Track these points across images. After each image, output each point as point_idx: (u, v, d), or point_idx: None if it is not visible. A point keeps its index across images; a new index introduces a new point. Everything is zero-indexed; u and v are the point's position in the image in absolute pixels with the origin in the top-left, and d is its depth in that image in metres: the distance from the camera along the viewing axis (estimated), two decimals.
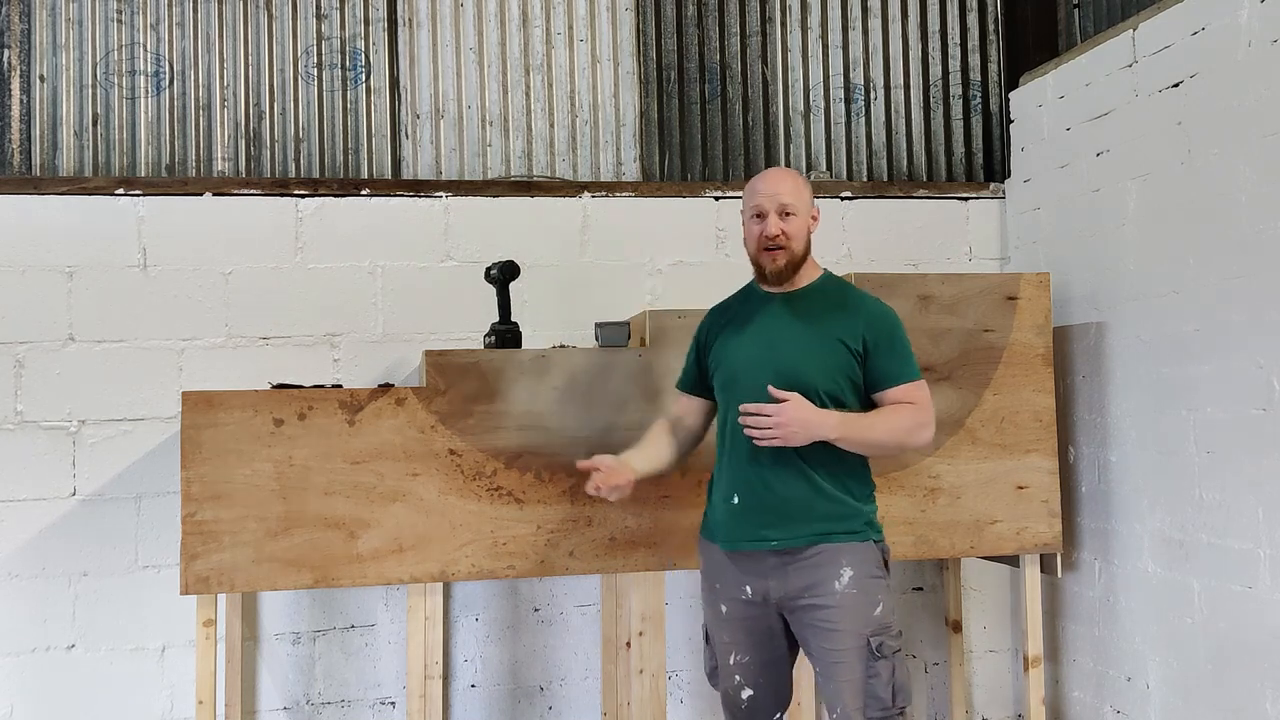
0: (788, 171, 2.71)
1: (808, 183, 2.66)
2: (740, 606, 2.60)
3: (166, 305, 3.52)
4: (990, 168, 4.19)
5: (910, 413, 2.51)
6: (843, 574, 2.46)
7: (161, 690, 3.48)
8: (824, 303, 2.59)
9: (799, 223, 2.56)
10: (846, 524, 2.50)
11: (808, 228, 2.60)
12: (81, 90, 3.59)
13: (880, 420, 2.50)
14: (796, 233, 2.56)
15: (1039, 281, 3.51)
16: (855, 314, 2.55)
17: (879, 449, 2.55)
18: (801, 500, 2.49)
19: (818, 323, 2.55)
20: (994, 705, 4.04)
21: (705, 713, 3.84)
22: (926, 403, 2.55)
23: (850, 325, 2.53)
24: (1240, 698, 3.03)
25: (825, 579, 2.47)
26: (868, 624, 2.45)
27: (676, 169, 3.98)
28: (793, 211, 2.55)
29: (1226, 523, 3.06)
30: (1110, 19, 3.81)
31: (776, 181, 2.59)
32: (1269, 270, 2.91)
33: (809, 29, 4.11)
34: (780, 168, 2.72)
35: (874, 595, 2.48)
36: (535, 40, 3.89)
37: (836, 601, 2.45)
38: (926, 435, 2.54)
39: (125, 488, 3.47)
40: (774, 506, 2.50)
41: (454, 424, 3.09)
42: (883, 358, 2.52)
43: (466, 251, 3.72)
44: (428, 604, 3.08)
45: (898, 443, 2.55)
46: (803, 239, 2.58)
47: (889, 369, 2.53)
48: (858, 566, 2.47)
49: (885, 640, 2.45)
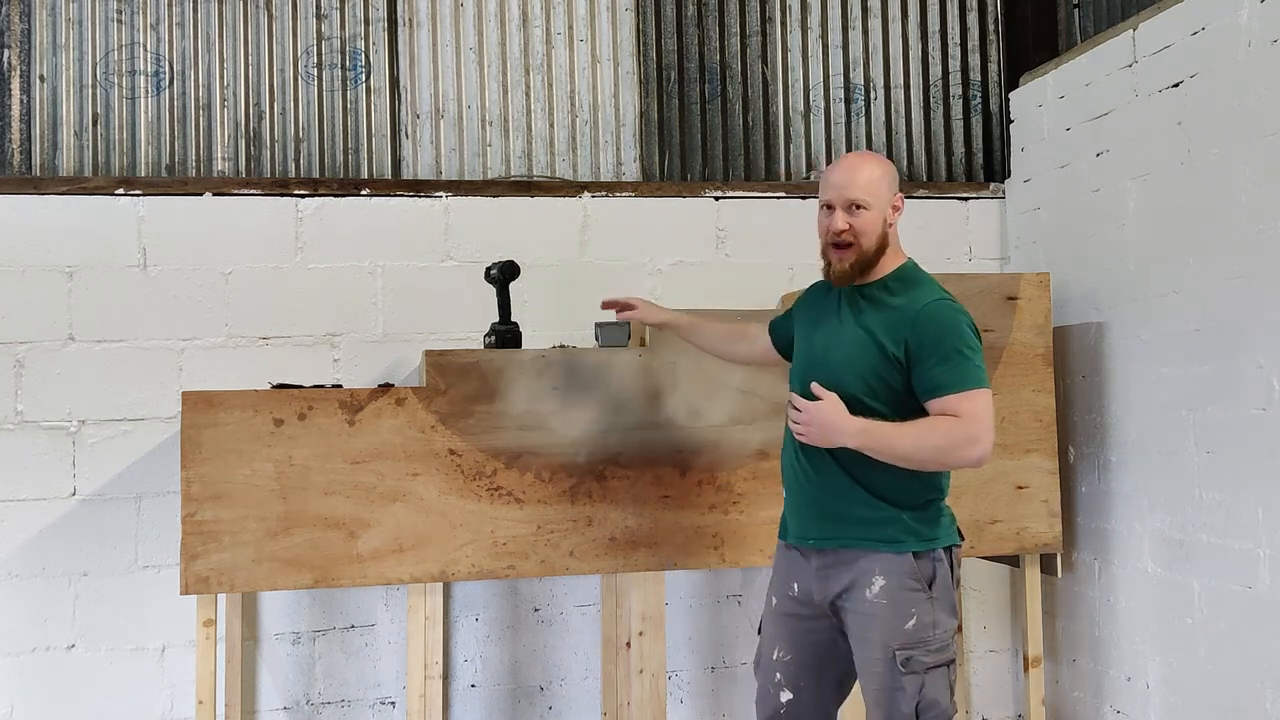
0: (866, 158, 2.47)
1: (890, 169, 2.45)
2: (787, 602, 2.53)
3: (166, 305, 3.52)
4: (990, 168, 4.19)
5: (950, 426, 2.28)
6: (874, 583, 2.36)
7: (161, 690, 3.48)
8: (883, 301, 2.42)
9: (870, 217, 2.37)
10: (882, 531, 2.37)
11: (884, 220, 2.40)
12: (81, 90, 3.59)
13: (911, 432, 2.31)
14: (867, 229, 2.37)
15: (1039, 281, 3.51)
16: (903, 316, 2.36)
17: (909, 462, 2.33)
18: (835, 502, 2.42)
19: (865, 322, 2.40)
20: (994, 705, 4.04)
21: (705, 713, 3.84)
22: (976, 416, 2.27)
23: (894, 328, 2.36)
24: (1240, 698, 3.03)
25: (857, 585, 2.39)
26: (896, 636, 2.34)
27: (676, 169, 3.98)
28: (865, 205, 2.37)
29: (1226, 523, 3.06)
30: (1110, 19, 3.81)
31: (850, 171, 2.40)
32: (1269, 270, 2.91)
33: (809, 29, 4.11)
34: (860, 154, 2.50)
35: (906, 608, 2.34)
36: (535, 40, 3.89)
37: (866, 610, 2.37)
38: (976, 452, 2.28)
39: (125, 488, 3.46)
40: (812, 504, 2.46)
41: (454, 424, 3.09)
42: (927, 364, 2.31)
43: (466, 251, 3.72)
44: (428, 604, 3.08)
45: (932, 458, 2.32)
46: (875, 235, 2.39)
47: (933, 377, 2.31)
48: (890, 577, 2.35)
49: (915, 655, 2.32)
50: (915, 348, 2.33)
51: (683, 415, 3.23)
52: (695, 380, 3.23)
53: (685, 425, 3.22)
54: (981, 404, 2.29)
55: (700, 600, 3.84)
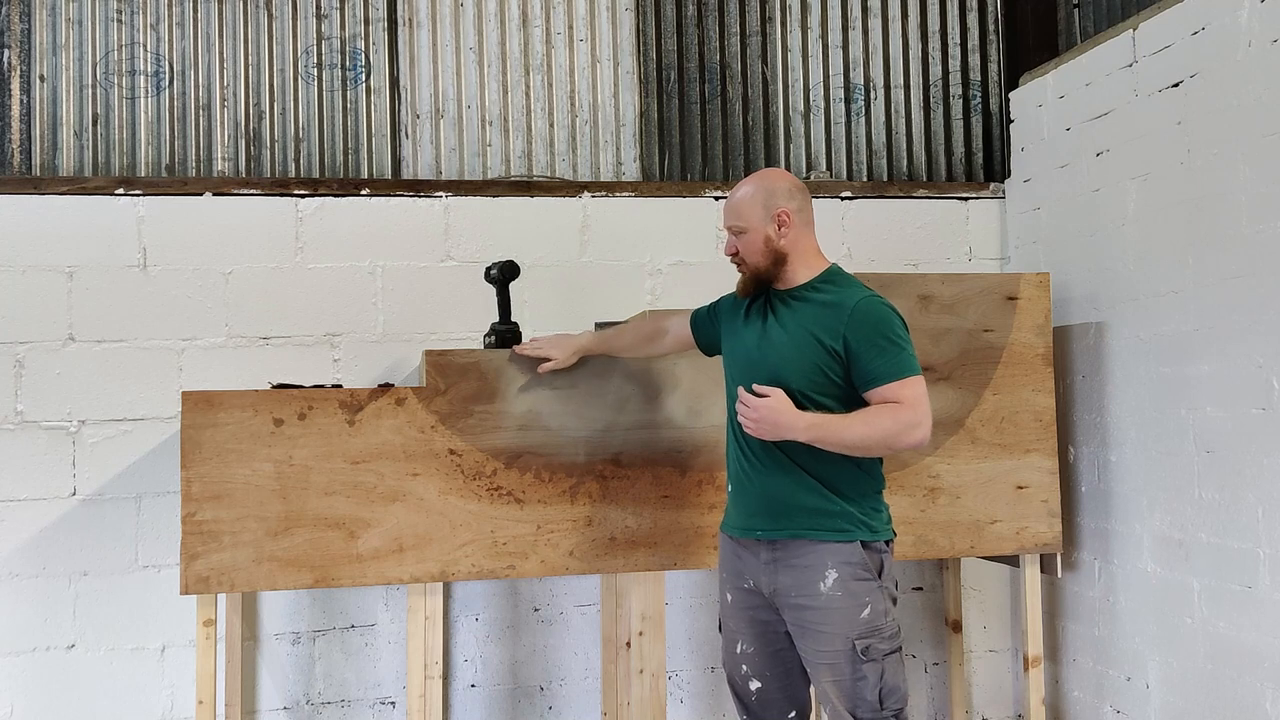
0: (746, 181, 2.62)
1: (765, 185, 2.57)
2: (742, 595, 2.60)
3: (166, 305, 3.52)
4: (990, 168, 4.19)
5: (893, 412, 2.40)
6: (827, 575, 2.43)
7: (161, 690, 3.48)
8: (812, 300, 2.53)
9: (749, 238, 2.55)
10: (831, 521, 2.45)
11: (764, 238, 2.53)
12: (81, 90, 3.59)
13: (857, 421, 2.41)
14: (749, 248, 2.55)
15: (1039, 281, 3.51)
16: (838, 311, 2.47)
17: (859, 450, 2.44)
18: (784, 494, 2.48)
19: (800, 321, 2.51)
20: (994, 705, 4.04)
21: (705, 713, 3.84)
22: (916, 400, 2.41)
23: (830, 323, 2.46)
24: (1240, 698, 3.03)
25: (810, 580, 2.45)
26: (854, 627, 2.42)
27: (676, 169, 3.98)
28: (739, 230, 2.56)
29: (1226, 523, 3.06)
30: (1110, 19, 3.81)
31: (731, 197, 2.60)
32: (1269, 270, 2.91)
33: (809, 29, 4.11)
34: (750, 176, 2.65)
35: (861, 598, 2.43)
36: (535, 40, 3.89)
37: (822, 604, 2.44)
38: (917, 435, 2.41)
39: (125, 488, 3.47)
40: (760, 496, 2.52)
41: (454, 424, 3.09)
42: (866, 356, 2.42)
43: (466, 251, 3.72)
44: (428, 604, 3.08)
45: (880, 444, 2.44)
46: (758, 251, 2.55)
47: (873, 367, 2.42)
48: (843, 568, 2.43)
49: (873, 643, 2.42)
50: (853, 341, 2.44)
51: (683, 415, 3.23)
52: (695, 380, 3.23)
53: (685, 425, 3.22)
54: (919, 390, 2.44)
55: (700, 600, 3.84)
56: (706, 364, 3.18)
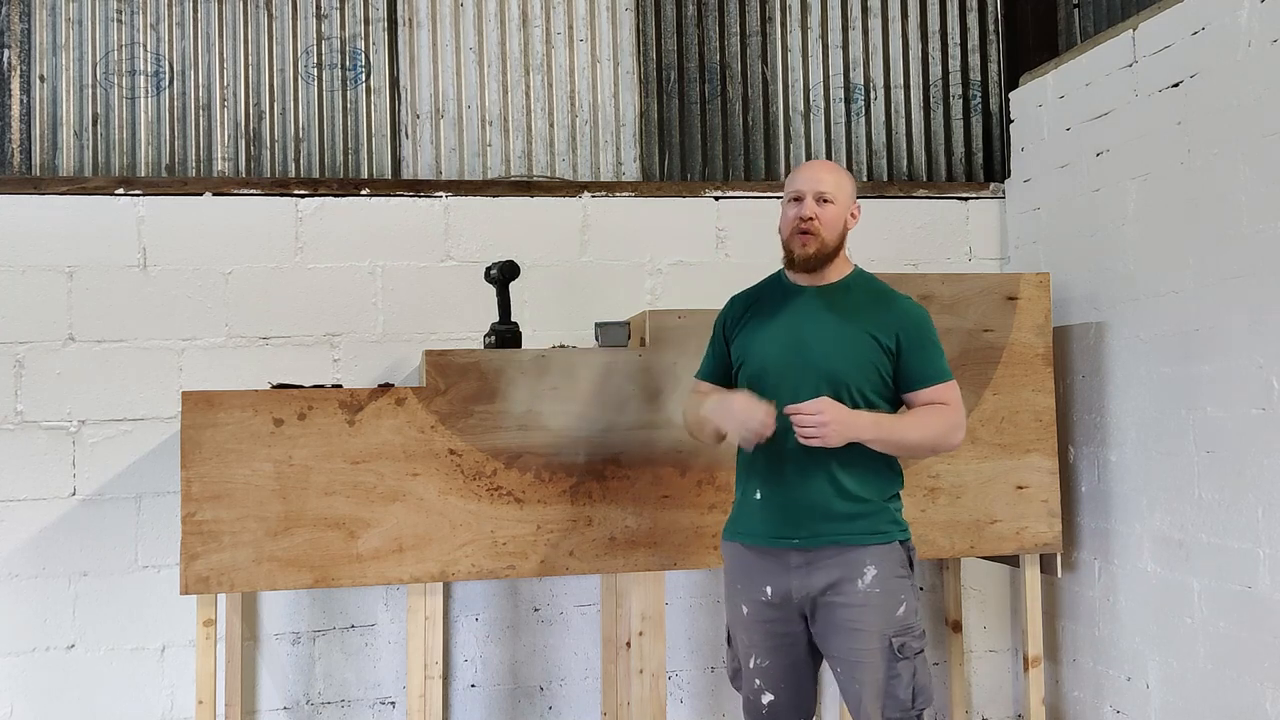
0: (833, 164, 2.64)
1: (853, 179, 2.60)
2: (760, 608, 2.52)
3: (166, 305, 3.52)
4: (990, 168, 4.19)
5: (943, 414, 2.47)
6: (866, 572, 2.42)
7: (161, 690, 3.48)
8: (857, 298, 2.53)
9: (835, 211, 2.50)
10: (870, 523, 2.45)
11: (844, 221, 2.53)
12: (81, 90, 3.59)
13: (915, 422, 2.45)
14: (831, 221, 2.49)
15: (1039, 281, 3.51)
16: (889, 310, 2.51)
17: (912, 451, 2.51)
18: (825, 500, 2.44)
19: (850, 318, 2.49)
20: (994, 705, 4.04)
21: (705, 713, 3.84)
22: (959, 403, 2.50)
23: (884, 322, 2.48)
24: (1240, 698, 3.03)
25: (848, 577, 2.43)
26: (890, 624, 2.42)
27: (676, 169, 3.98)
28: (830, 200, 2.49)
29: (1226, 523, 3.06)
30: (1110, 19, 3.81)
31: (819, 169, 2.54)
32: (1269, 270, 2.91)
33: (809, 29, 4.11)
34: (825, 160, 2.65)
35: (897, 595, 2.44)
36: (535, 40, 3.89)
37: (860, 600, 2.42)
38: (959, 437, 2.50)
39: (125, 488, 3.47)
40: (797, 504, 2.46)
41: (454, 424, 3.09)
42: (915, 357, 2.48)
43: (466, 251, 3.72)
44: (428, 604, 3.08)
45: (931, 445, 2.50)
46: (837, 230, 2.51)
47: (922, 368, 2.48)
48: (881, 565, 2.43)
49: (907, 641, 2.42)
50: (904, 341, 2.48)
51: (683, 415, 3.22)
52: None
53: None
54: (958, 393, 2.53)
55: (700, 600, 3.84)
56: None
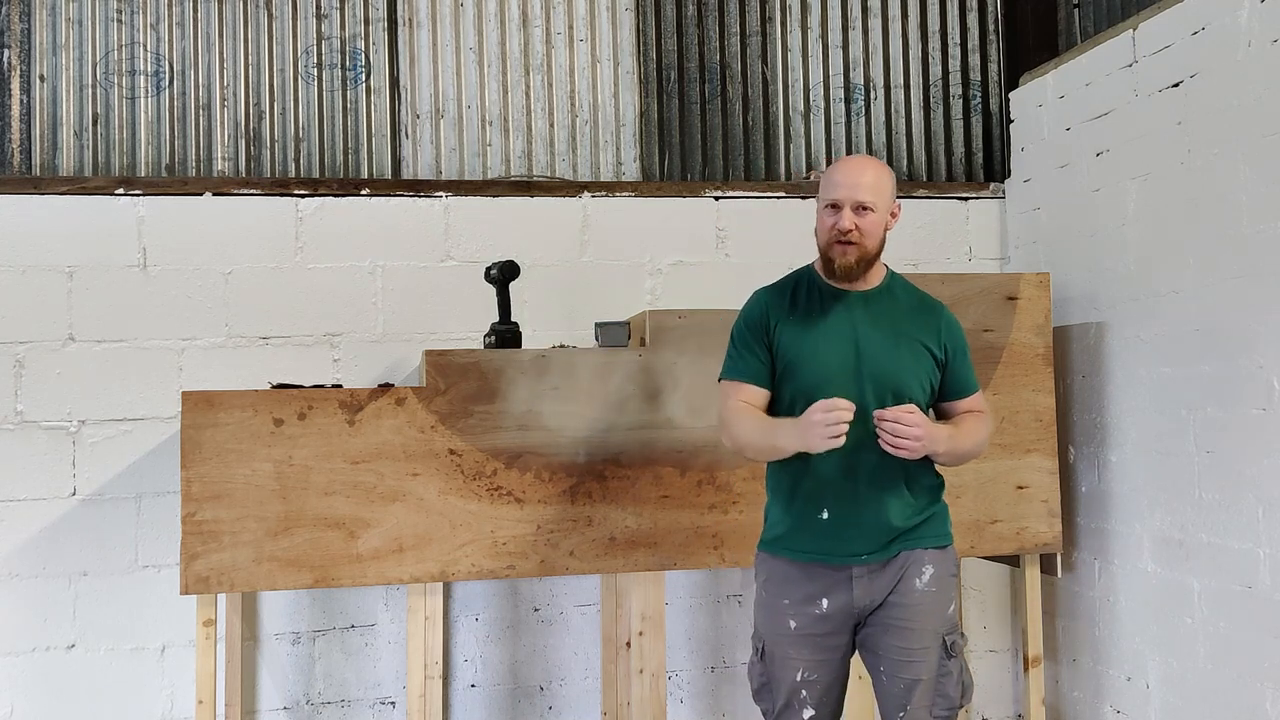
0: (870, 162, 2.47)
1: (892, 174, 2.48)
2: (813, 621, 2.44)
3: (166, 305, 3.52)
4: (990, 168, 4.19)
5: (985, 422, 2.53)
6: (924, 572, 2.44)
7: (161, 690, 3.48)
8: (902, 305, 2.49)
9: (875, 219, 2.39)
10: (930, 528, 2.48)
11: (885, 225, 2.43)
12: (81, 90, 3.59)
13: (970, 431, 2.48)
14: (871, 230, 2.39)
15: (1039, 281, 3.51)
16: (935, 318, 2.50)
17: (963, 460, 2.52)
18: (893, 514, 2.42)
19: (901, 327, 2.45)
20: (994, 705, 4.04)
21: (705, 713, 3.84)
22: (990, 410, 2.57)
23: (932, 330, 2.48)
24: (1240, 698, 3.02)
25: (907, 578, 2.44)
26: (943, 623, 2.44)
27: (676, 169, 3.98)
28: (870, 207, 2.38)
29: (1226, 523, 3.06)
30: (1110, 19, 3.81)
31: (857, 173, 2.40)
32: (1269, 270, 2.90)
33: (809, 29, 4.11)
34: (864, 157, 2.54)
35: (949, 593, 2.47)
36: (535, 40, 3.89)
37: (916, 600, 2.42)
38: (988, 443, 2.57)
39: (125, 488, 3.47)
40: (873, 524, 2.41)
41: (454, 424, 3.09)
42: (960, 366, 2.51)
43: (466, 251, 3.72)
44: (428, 604, 3.08)
45: (976, 452, 2.54)
46: (877, 237, 2.41)
47: (965, 378, 2.52)
48: (938, 566, 2.46)
49: (955, 639, 2.46)
50: (951, 349, 2.50)
51: (683, 415, 3.22)
52: (695, 380, 3.23)
53: (685, 425, 3.22)
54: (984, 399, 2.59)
55: (700, 600, 3.84)
56: (706, 364, 3.17)
